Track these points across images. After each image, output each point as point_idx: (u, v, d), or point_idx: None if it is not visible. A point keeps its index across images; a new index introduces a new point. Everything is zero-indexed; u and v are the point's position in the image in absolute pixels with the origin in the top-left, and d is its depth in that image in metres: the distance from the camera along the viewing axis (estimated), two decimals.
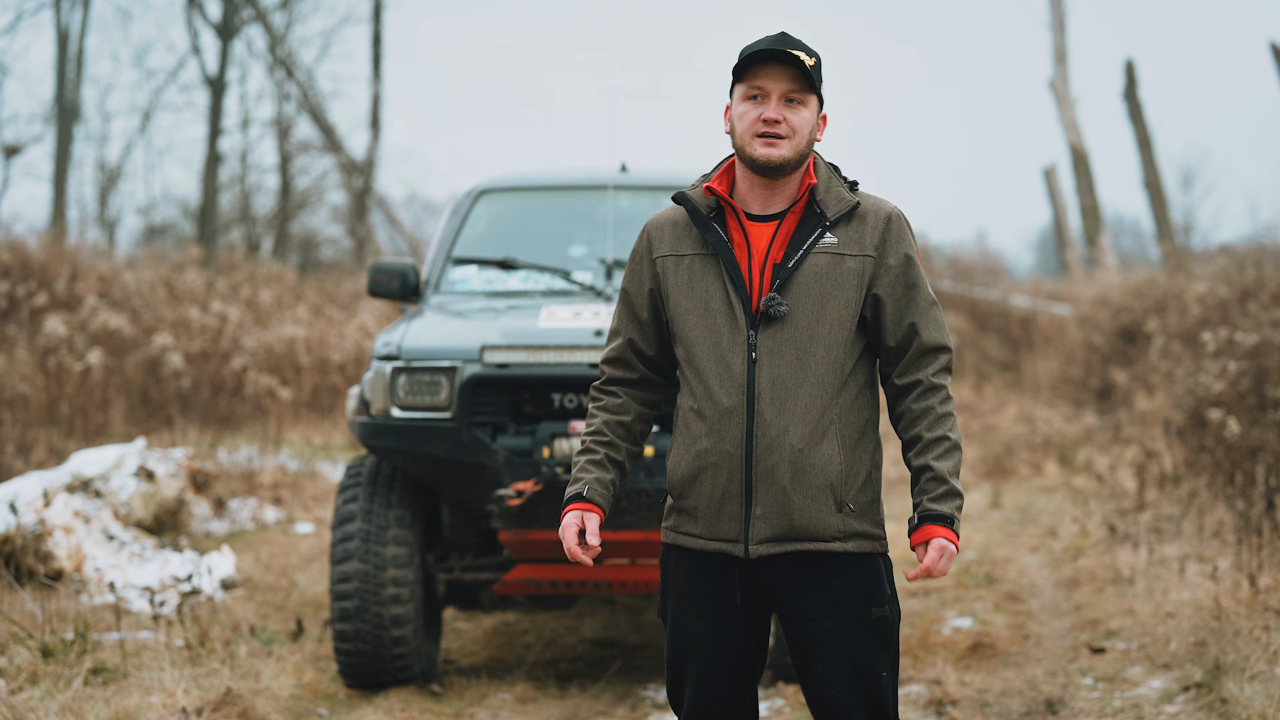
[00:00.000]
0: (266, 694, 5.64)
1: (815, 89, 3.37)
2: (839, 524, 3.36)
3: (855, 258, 3.37)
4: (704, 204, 3.44)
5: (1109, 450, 11.88)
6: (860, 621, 3.39)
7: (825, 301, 3.36)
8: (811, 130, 3.39)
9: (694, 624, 3.44)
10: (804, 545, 3.35)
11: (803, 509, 3.33)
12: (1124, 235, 42.67)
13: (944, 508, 3.35)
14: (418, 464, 5.93)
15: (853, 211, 3.41)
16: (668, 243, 3.47)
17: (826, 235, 3.39)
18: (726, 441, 3.35)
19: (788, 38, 3.38)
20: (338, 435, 13.10)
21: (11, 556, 7.35)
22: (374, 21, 25.28)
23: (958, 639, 6.83)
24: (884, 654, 3.42)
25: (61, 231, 18.84)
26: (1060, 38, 24.11)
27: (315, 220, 26.48)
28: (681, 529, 3.45)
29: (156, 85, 25.80)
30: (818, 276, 3.36)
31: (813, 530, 3.35)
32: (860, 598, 3.39)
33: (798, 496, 3.33)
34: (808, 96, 3.38)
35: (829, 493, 3.34)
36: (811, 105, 3.38)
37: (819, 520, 3.34)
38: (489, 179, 7.20)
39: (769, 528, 3.34)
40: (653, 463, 5.72)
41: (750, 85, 3.37)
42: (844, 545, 3.37)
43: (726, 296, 3.37)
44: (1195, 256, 20.71)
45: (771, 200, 3.41)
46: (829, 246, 3.38)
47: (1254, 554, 6.71)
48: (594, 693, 6.18)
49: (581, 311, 6.10)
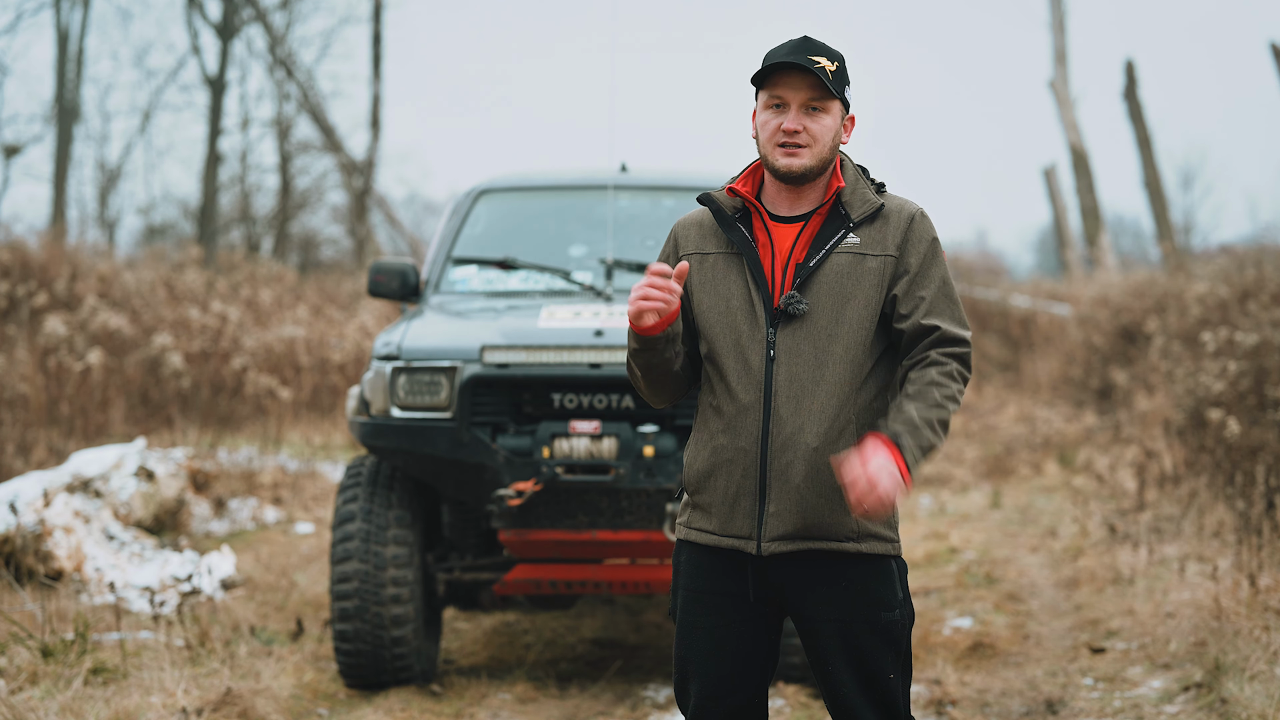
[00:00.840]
0: (266, 694, 5.64)
1: (836, 94, 3.37)
2: (852, 524, 3.35)
3: (876, 257, 3.38)
4: (728, 205, 3.46)
5: (1109, 450, 11.88)
6: (870, 624, 3.38)
7: (846, 301, 3.36)
8: (834, 136, 3.39)
9: (703, 619, 3.43)
10: (816, 544, 3.35)
11: (816, 508, 3.33)
12: (1124, 235, 42.66)
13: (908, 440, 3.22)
14: (418, 464, 5.93)
15: (877, 213, 3.42)
16: (693, 242, 3.49)
17: (850, 236, 3.39)
18: (742, 438, 3.35)
19: (809, 43, 3.37)
20: (338, 435, 13.10)
21: (11, 556, 7.35)
22: (374, 21, 25.28)
23: (958, 639, 6.83)
24: (893, 657, 3.41)
25: (61, 231, 18.84)
26: (1060, 38, 24.11)
27: (315, 220, 26.50)
28: (695, 524, 3.46)
29: (156, 85, 25.82)
30: (839, 276, 3.36)
31: (825, 530, 3.35)
32: (871, 600, 3.38)
33: (811, 495, 3.33)
34: (829, 103, 3.37)
35: (842, 492, 3.33)
36: (834, 111, 3.38)
37: (832, 520, 3.34)
38: (489, 179, 7.20)
39: (782, 525, 3.34)
40: (653, 463, 5.72)
41: (771, 94, 3.38)
42: (857, 546, 3.36)
43: (748, 294, 3.39)
44: (1195, 256, 20.72)
45: (798, 203, 3.43)
46: (851, 247, 3.38)
47: (1254, 554, 6.71)
48: (594, 693, 6.18)
49: (581, 311, 6.10)
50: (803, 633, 3.44)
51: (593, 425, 5.75)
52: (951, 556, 8.91)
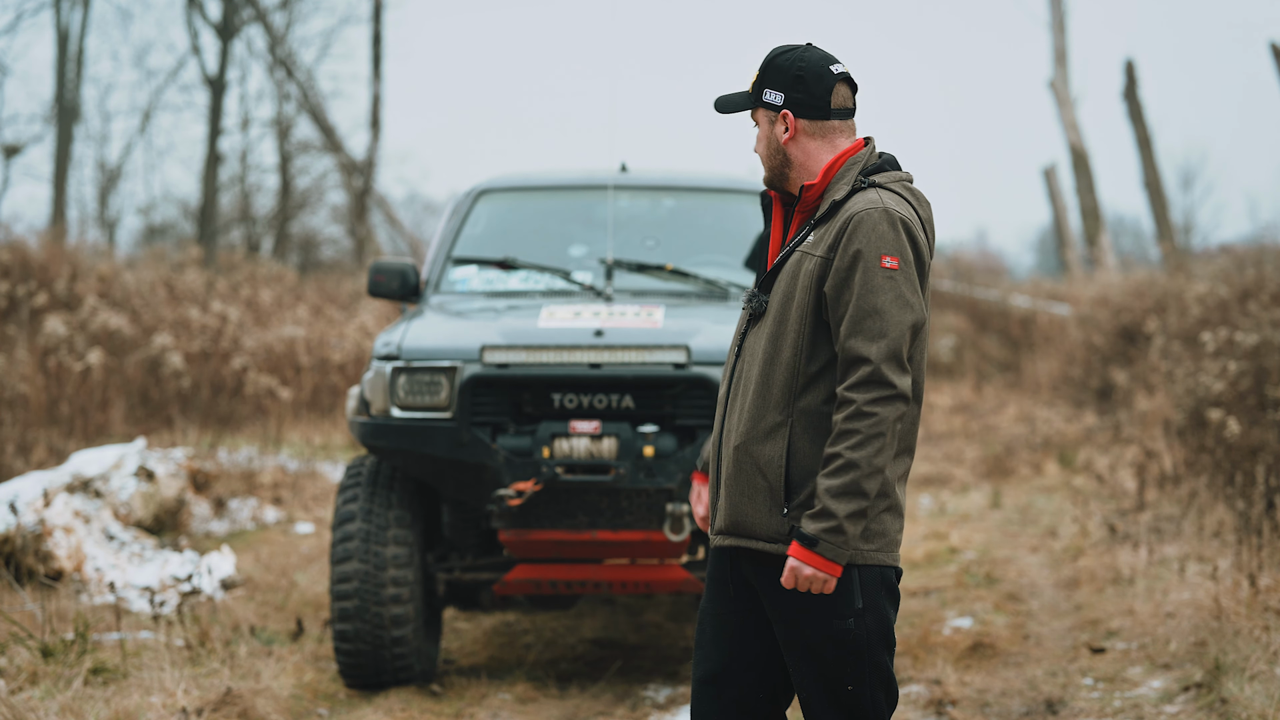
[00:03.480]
0: (266, 694, 5.64)
1: (753, 105, 3.47)
2: (777, 524, 3.34)
3: (814, 258, 3.35)
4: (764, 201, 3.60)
5: (1109, 450, 11.88)
6: (824, 631, 3.33)
7: (789, 301, 3.37)
8: (769, 141, 3.46)
9: (708, 605, 3.53)
10: (746, 542, 3.40)
11: (738, 505, 3.39)
12: (1124, 235, 42.67)
13: (810, 527, 3.25)
14: (418, 464, 5.93)
15: (831, 211, 3.38)
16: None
17: (810, 235, 3.40)
18: (717, 433, 3.49)
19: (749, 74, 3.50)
20: (338, 435, 13.09)
21: (11, 556, 7.35)
22: (374, 21, 25.26)
23: (958, 639, 6.82)
24: (850, 666, 3.33)
25: (61, 231, 18.81)
26: (1060, 38, 24.10)
27: (315, 220, 26.45)
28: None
29: (156, 85, 25.79)
30: (789, 276, 3.39)
31: (748, 528, 3.38)
32: (823, 606, 3.31)
33: (734, 493, 3.39)
34: (756, 116, 3.49)
35: (766, 493, 3.34)
36: (762, 120, 3.47)
37: (755, 519, 3.36)
38: (489, 179, 7.20)
39: (720, 519, 3.45)
40: (653, 463, 5.72)
41: None
42: (781, 548, 3.34)
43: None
44: (1195, 256, 20.72)
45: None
46: (805, 246, 3.40)
47: (1254, 554, 6.71)
48: (594, 693, 6.18)
49: (581, 311, 6.10)
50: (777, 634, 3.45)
51: (593, 425, 5.75)
52: (951, 556, 8.91)
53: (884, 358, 3.24)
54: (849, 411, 3.24)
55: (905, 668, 6.41)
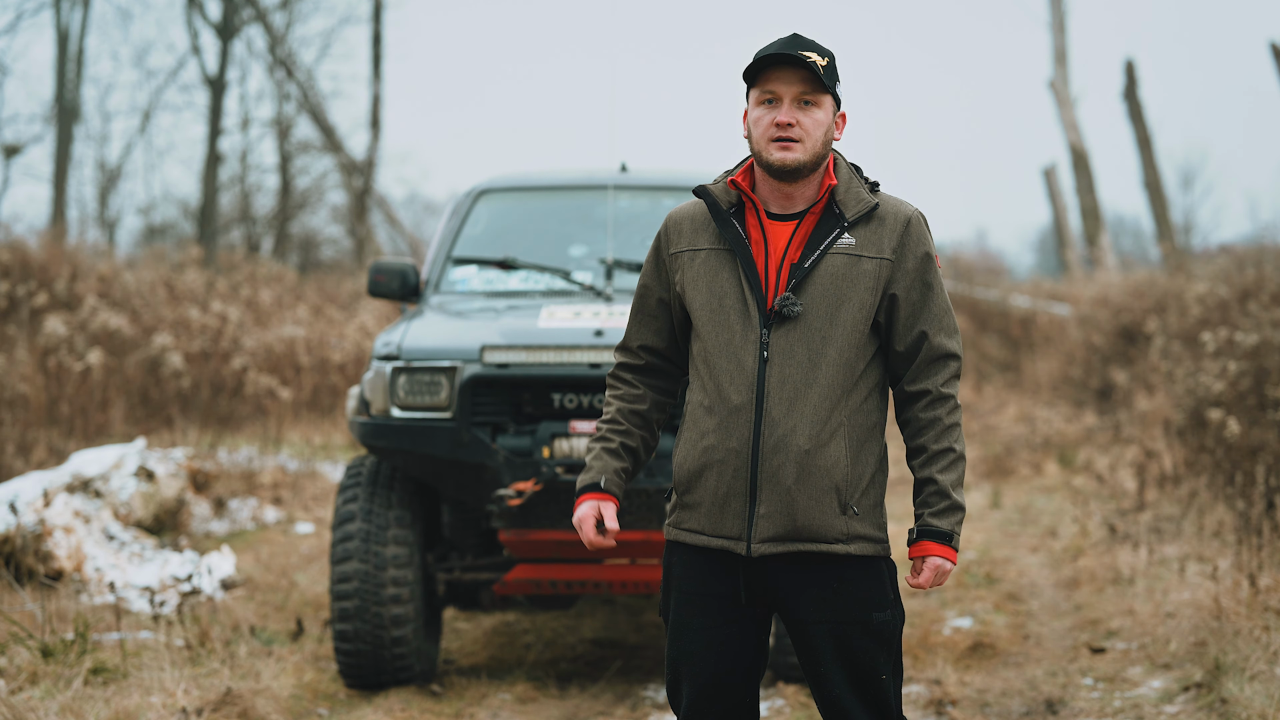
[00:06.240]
0: (266, 694, 5.64)
1: (828, 89, 3.36)
2: (843, 526, 3.36)
3: (872, 259, 3.37)
4: (725, 199, 3.44)
5: (1109, 450, 11.88)
6: (861, 625, 3.39)
7: (840, 303, 3.35)
8: (827, 131, 3.38)
9: (695, 620, 3.43)
10: (806, 546, 3.35)
11: (806, 509, 3.33)
12: (1124, 235, 42.69)
13: (943, 523, 3.38)
14: (418, 464, 5.93)
15: (872, 213, 3.40)
16: (685, 237, 3.47)
17: (845, 236, 3.38)
18: (733, 439, 3.35)
19: (798, 39, 3.36)
20: (338, 435, 13.10)
21: (11, 556, 7.35)
22: (374, 21, 25.27)
23: (958, 639, 6.83)
24: (885, 657, 3.42)
25: (61, 231, 18.82)
26: (1060, 38, 24.10)
27: (315, 220, 26.47)
28: (684, 525, 3.45)
29: (156, 85, 25.81)
30: (834, 278, 3.35)
31: (816, 531, 3.35)
32: (861, 602, 3.39)
33: (802, 497, 3.33)
34: (821, 97, 3.36)
35: (834, 494, 3.34)
36: (826, 106, 3.37)
37: (822, 521, 3.34)
38: (489, 179, 7.20)
39: (772, 527, 3.34)
40: (652, 463, 5.72)
41: (763, 90, 3.37)
42: (846, 547, 3.37)
43: (741, 294, 3.37)
44: (1195, 256, 20.71)
45: (791, 201, 3.41)
46: (846, 248, 3.37)
47: (1254, 554, 6.71)
48: (594, 693, 6.18)
49: (581, 311, 6.10)
50: (794, 634, 3.44)
51: (593, 425, 5.75)
52: None
53: (961, 353, 3.48)
54: (950, 406, 3.42)
55: (905, 667, 6.41)
